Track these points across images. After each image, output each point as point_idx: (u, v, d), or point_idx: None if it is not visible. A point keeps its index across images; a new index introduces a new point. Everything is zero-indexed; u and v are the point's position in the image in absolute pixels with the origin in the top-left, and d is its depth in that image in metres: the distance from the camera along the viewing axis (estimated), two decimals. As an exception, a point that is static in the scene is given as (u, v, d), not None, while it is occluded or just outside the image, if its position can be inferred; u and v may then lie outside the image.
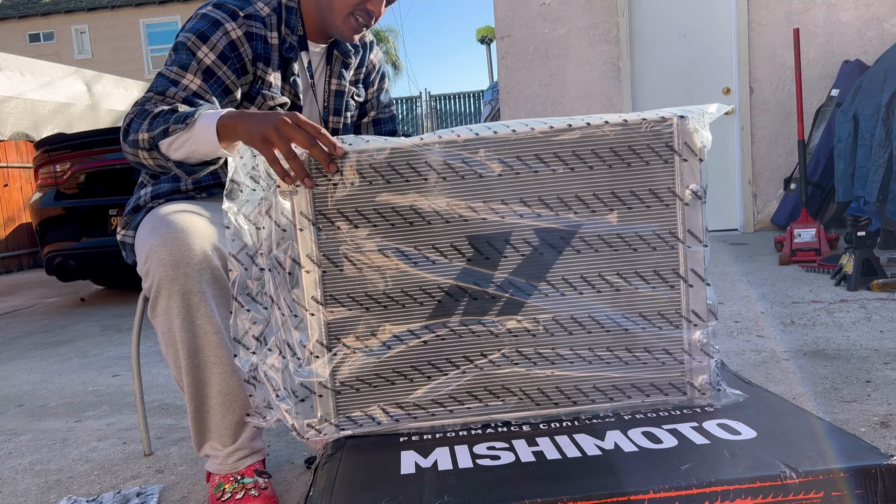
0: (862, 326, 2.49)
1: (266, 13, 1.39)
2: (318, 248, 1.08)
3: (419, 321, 1.09)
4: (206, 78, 1.32)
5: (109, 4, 18.18)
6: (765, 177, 5.76)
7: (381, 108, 1.68)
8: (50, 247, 4.59)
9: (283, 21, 1.41)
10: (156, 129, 1.21)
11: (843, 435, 0.96)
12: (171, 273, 1.22)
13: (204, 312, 1.25)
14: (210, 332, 1.27)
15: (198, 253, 1.23)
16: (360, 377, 1.11)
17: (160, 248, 1.23)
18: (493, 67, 19.48)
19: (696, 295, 1.10)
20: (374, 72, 1.64)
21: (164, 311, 1.26)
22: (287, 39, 1.41)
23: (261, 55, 1.38)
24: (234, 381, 1.31)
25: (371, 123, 1.66)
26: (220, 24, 1.33)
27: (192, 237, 1.24)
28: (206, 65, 1.32)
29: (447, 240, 1.08)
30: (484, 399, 1.11)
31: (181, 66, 1.31)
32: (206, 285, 1.24)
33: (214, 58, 1.32)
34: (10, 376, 2.89)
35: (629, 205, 1.09)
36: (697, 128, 1.07)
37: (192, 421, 1.34)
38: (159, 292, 1.25)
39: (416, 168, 1.07)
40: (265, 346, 1.14)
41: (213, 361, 1.29)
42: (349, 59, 1.55)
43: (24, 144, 7.99)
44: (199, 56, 1.31)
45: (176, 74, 1.31)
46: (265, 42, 1.39)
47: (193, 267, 1.23)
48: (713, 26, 5.79)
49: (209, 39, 1.32)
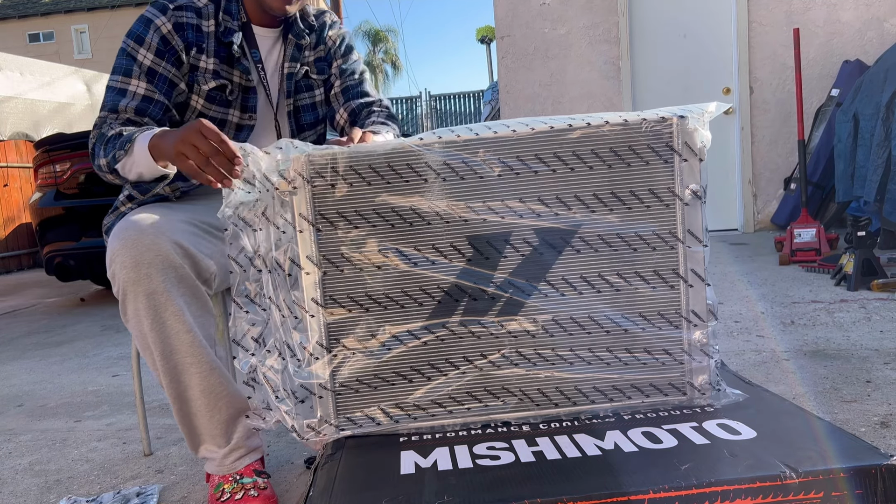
0: (862, 326, 2.49)
1: (203, 3, 1.44)
2: (317, 249, 1.08)
3: (419, 322, 1.09)
4: (149, 79, 1.39)
5: (109, 4, 18.19)
6: (765, 177, 5.76)
7: (345, 76, 1.62)
8: (50, 247, 4.59)
9: (221, 9, 1.45)
10: (109, 154, 1.29)
11: (843, 435, 0.96)
12: (133, 275, 1.22)
13: (172, 312, 1.24)
14: (181, 332, 1.26)
15: (159, 253, 1.22)
16: (359, 378, 1.11)
17: (121, 251, 1.23)
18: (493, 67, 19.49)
19: (695, 295, 1.10)
20: (334, 47, 1.62)
21: (133, 315, 1.25)
22: (225, 25, 1.44)
23: (192, 43, 1.42)
24: (215, 379, 1.30)
25: (340, 94, 1.61)
26: (150, 22, 1.40)
27: (153, 237, 1.23)
28: (147, 66, 1.38)
29: (447, 240, 1.08)
30: (483, 399, 1.11)
31: (125, 74, 1.38)
32: (170, 285, 1.23)
33: (153, 56, 1.39)
34: (10, 376, 2.89)
35: (629, 205, 1.09)
36: (697, 127, 1.07)
37: (181, 424, 1.33)
38: (126, 295, 1.24)
39: (415, 168, 1.07)
40: (264, 347, 1.14)
41: (190, 362, 1.28)
42: (302, 41, 1.55)
43: (24, 144, 7.99)
44: (139, 59, 1.38)
45: (122, 83, 1.38)
46: (198, 30, 1.43)
47: (156, 267, 1.22)
48: (713, 26, 5.79)
49: (144, 40, 1.39)
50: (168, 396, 1.31)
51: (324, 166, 1.06)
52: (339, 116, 1.60)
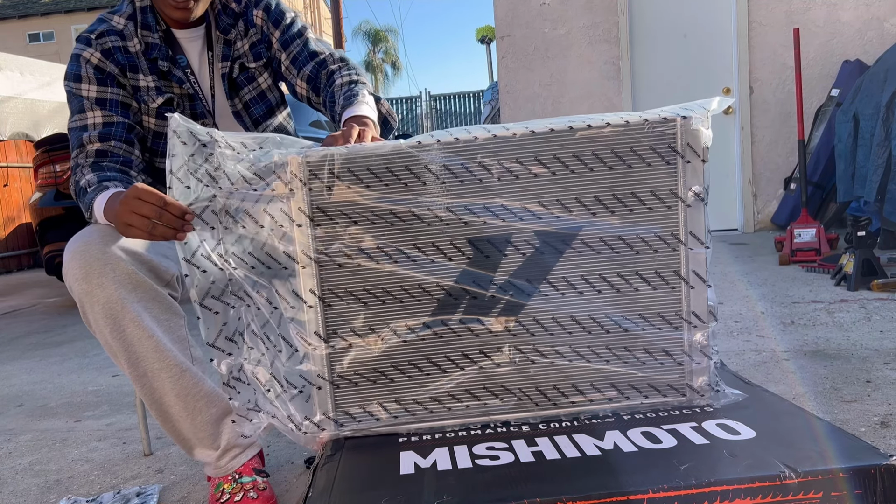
0: (862, 326, 2.49)
1: (122, 25, 1.44)
2: (314, 244, 1.07)
3: (418, 318, 1.09)
4: (101, 106, 1.41)
5: (109, 4, 18.18)
6: (765, 177, 5.76)
7: (288, 46, 1.50)
8: (50, 247, 4.59)
9: (138, 24, 1.43)
10: (83, 206, 1.31)
11: (842, 435, 0.96)
12: (85, 286, 1.21)
13: (130, 319, 1.22)
14: (143, 338, 1.24)
15: (108, 262, 1.21)
16: (358, 371, 1.10)
17: (71, 262, 1.22)
18: (493, 67, 19.49)
19: (697, 297, 1.10)
20: (265, 24, 1.51)
21: (94, 325, 1.24)
22: (147, 40, 1.43)
23: (125, 65, 1.43)
24: (188, 381, 1.28)
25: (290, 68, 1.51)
26: (79, 57, 1.42)
27: (101, 247, 1.22)
28: (94, 97, 1.41)
29: (447, 241, 1.08)
30: (483, 398, 1.11)
31: (79, 111, 1.41)
32: (125, 292, 1.22)
33: (95, 87, 1.41)
34: (10, 376, 2.89)
35: (630, 207, 1.08)
36: (700, 127, 1.06)
37: (166, 431, 1.33)
38: (83, 306, 1.23)
39: (413, 171, 1.06)
40: (243, 344, 1.13)
41: (158, 367, 1.26)
42: (230, 35, 1.49)
43: (24, 144, 7.99)
44: (84, 94, 1.41)
45: (79, 120, 1.41)
46: (126, 52, 1.43)
47: (107, 276, 1.20)
48: (713, 26, 5.79)
49: (81, 76, 1.41)
50: (147, 406, 1.31)
51: (321, 169, 1.06)
52: (300, 87, 1.51)
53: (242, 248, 1.13)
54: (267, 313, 1.12)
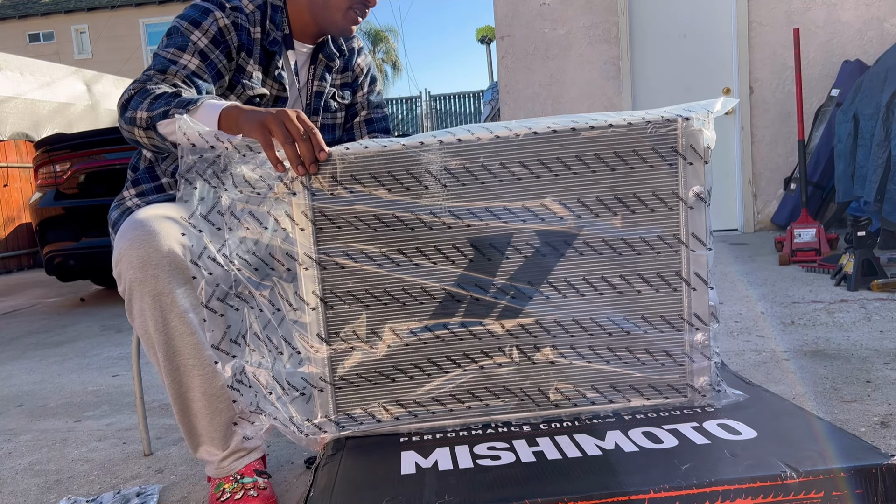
0: (862, 326, 2.49)
1: (250, 10, 1.45)
2: (316, 246, 1.07)
3: (420, 321, 1.09)
4: (202, 59, 1.38)
5: (109, 4, 18.18)
6: (765, 177, 5.76)
7: (371, 108, 1.69)
8: (50, 247, 4.59)
9: (267, 17, 1.46)
10: (156, 109, 1.24)
11: (843, 435, 0.96)
12: (140, 275, 1.21)
13: (177, 314, 1.24)
14: (185, 334, 1.25)
15: (167, 254, 1.22)
16: (359, 373, 1.10)
17: (128, 250, 1.22)
18: (493, 67, 19.48)
19: (698, 298, 1.10)
20: (361, 75, 1.67)
21: (139, 314, 1.25)
22: (271, 34, 1.47)
23: (244, 45, 1.44)
24: (218, 382, 1.29)
25: (364, 123, 1.68)
26: (210, 12, 1.40)
27: (161, 238, 1.22)
28: (201, 48, 1.38)
29: (449, 243, 1.08)
30: (484, 399, 1.11)
31: (178, 48, 1.37)
32: (177, 286, 1.23)
33: (207, 42, 1.39)
34: (10, 376, 2.89)
35: (632, 208, 1.08)
36: (702, 129, 1.05)
37: (181, 424, 1.33)
38: (132, 295, 1.24)
39: (415, 175, 1.06)
40: (245, 346, 1.14)
41: (193, 364, 1.27)
42: (333, 63, 1.59)
43: (24, 144, 7.99)
44: (193, 39, 1.38)
45: (173, 55, 1.36)
46: (249, 34, 1.44)
47: (163, 268, 1.21)
48: (713, 26, 5.79)
49: (201, 25, 1.39)
50: (169, 396, 1.31)
51: (322, 170, 1.06)
52: None
53: (246, 249, 1.13)
54: (269, 315, 1.12)
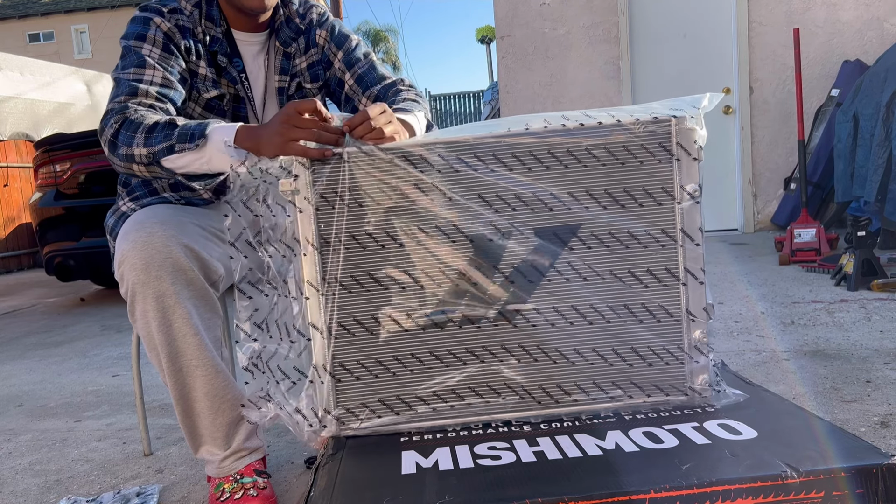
0: (862, 326, 2.49)
1: (189, 10, 1.39)
2: (317, 232, 1.08)
3: (421, 310, 1.10)
4: (163, 69, 1.33)
5: (109, 4, 18.19)
6: (765, 177, 5.76)
7: (355, 65, 1.51)
8: (50, 247, 4.59)
9: (203, 15, 1.40)
10: (156, 144, 1.19)
11: (843, 435, 0.96)
12: (143, 277, 1.21)
13: (180, 315, 1.24)
14: (188, 335, 1.26)
15: (170, 255, 1.22)
16: (362, 365, 1.10)
17: (131, 252, 1.22)
18: (493, 67, 19.49)
19: (691, 294, 1.10)
20: (327, 45, 1.52)
21: (141, 316, 1.25)
22: (209, 32, 1.40)
23: (191, 48, 1.38)
24: (220, 382, 1.30)
25: (356, 86, 1.51)
26: (149, 20, 1.35)
27: (164, 240, 1.22)
28: (156, 58, 1.33)
29: (447, 241, 1.08)
30: (485, 395, 1.11)
31: (137, 66, 1.31)
32: (180, 287, 1.23)
33: (160, 51, 1.34)
34: (10, 376, 2.89)
35: (624, 204, 1.09)
36: (693, 126, 1.06)
37: (183, 425, 1.34)
38: (134, 297, 1.24)
39: (416, 164, 1.07)
40: (267, 332, 1.14)
41: (195, 364, 1.28)
42: (289, 48, 1.48)
43: (24, 144, 7.99)
44: (146, 53, 1.33)
45: (135, 74, 1.30)
46: (193, 35, 1.39)
47: (165, 270, 1.21)
48: (713, 26, 5.79)
49: (147, 36, 1.34)
50: (172, 397, 1.31)
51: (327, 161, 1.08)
52: (362, 107, 1.49)
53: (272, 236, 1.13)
54: (281, 304, 1.13)
